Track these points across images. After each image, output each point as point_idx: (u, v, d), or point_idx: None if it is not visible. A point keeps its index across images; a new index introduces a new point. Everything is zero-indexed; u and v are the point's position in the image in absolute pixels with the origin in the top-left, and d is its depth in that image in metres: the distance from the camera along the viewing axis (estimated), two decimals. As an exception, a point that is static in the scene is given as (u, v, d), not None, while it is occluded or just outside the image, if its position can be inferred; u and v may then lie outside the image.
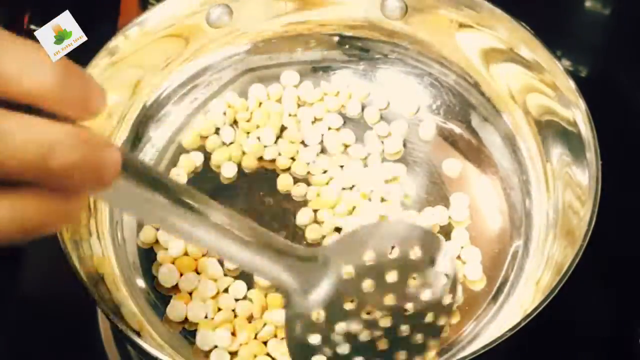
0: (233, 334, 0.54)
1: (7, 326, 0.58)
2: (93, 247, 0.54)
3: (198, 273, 0.56)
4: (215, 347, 0.53)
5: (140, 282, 0.56)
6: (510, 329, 0.46)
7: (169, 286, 0.56)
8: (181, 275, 0.56)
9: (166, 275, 0.56)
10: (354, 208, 0.59)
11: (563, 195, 0.56)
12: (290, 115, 0.64)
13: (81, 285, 0.48)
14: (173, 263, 0.56)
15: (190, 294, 0.55)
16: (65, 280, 0.49)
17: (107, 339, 0.58)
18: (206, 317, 0.54)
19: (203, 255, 0.57)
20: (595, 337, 0.59)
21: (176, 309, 0.54)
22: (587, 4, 0.75)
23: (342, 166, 0.61)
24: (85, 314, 0.58)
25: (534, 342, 0.55)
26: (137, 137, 0.61)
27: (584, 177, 0.53)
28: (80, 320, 0.58)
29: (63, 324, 0.58)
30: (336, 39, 0.65)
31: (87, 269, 0.51)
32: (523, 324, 0.46)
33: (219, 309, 0.55)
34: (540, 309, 0.47)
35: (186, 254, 0.57)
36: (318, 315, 0.45)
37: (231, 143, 0.62)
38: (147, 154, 0.62)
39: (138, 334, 0.48)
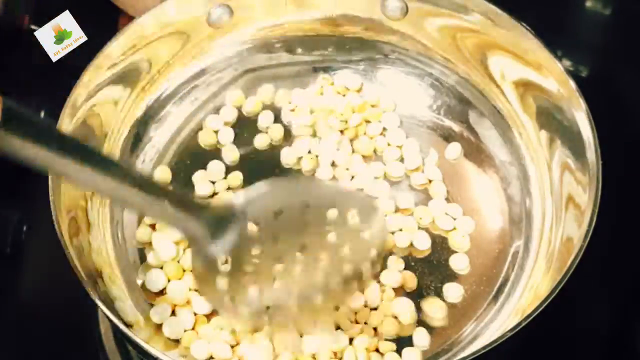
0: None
1: (7, 326, 0.58)
2: (93, 246, 0.54)
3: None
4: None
5: (140, 282, 0.56)
6: (511, 329, 0.46)
7: (155, 291, 0.56)
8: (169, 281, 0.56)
9: (153, 279, 0.56)
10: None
11: (563, 195, 0.56)
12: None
13: (81, 285, 0.48)
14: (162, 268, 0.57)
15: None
16: (65, 280, 0.49)
17: (107, 339, 0.58)
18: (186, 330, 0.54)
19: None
20: (595, 337, 0.59)
21: (158, 313, 0.54)
22: (587, 4, 0.75)
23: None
24: (85, 314, 0.58)
25: (534, 342, 0.55)
26: (137, 136, 0.61)
27: (584, 177, 0.53)
28: (80, 320, 0.58)
29: (63, 324, 0.58)
30: (336, 39, 0.65)
31: (87, 268, 0.51)
32: (523, 324, 0.46)
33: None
34: (541, 309, 0.47)
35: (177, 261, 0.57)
36: (224, 261, 0.45)
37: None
38: (148, 154, 0.62)
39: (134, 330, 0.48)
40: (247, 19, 0.63)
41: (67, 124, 0.54)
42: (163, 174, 0.61)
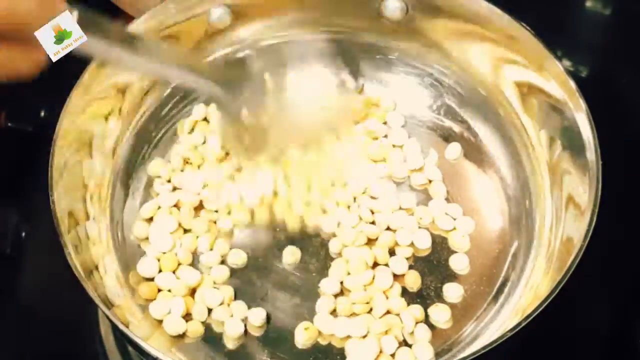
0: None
1: (7, 326, 0.58)
2: (93, 248, 0.54)
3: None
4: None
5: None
6: (511, 329, 0.46)
7: (146, 276, 0.56)
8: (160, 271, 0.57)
9: (145, 266, 0.57)
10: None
11: (563, 195, 0.56)
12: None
13: (81, 285, 0.48)
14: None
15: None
16: (65, 280, 0.49)
17: (107, 339, 0.58)
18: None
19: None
20: (595, 337, 0.59)
21: (157, 307, 0.55)
22: (587, 3, 0.75)
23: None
24: (85, 314, 0.58)
25: (534, 342, 0.55)
26: (137, 136, 0.61)
27: (584, 177, 0.53)
28: (80, 320, 0.58)
29: (63, 324, 0.58)
30: (336, 39, 0.65)
31: (87, 267, 0.51)
32: (523, 324, 0.46)
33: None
34: (541, 309, 0.47)
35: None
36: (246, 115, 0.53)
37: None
38: (148, 154, 0.62)
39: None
40: (247, 19, 0.63)
41: (67, 123, 0.54)
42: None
